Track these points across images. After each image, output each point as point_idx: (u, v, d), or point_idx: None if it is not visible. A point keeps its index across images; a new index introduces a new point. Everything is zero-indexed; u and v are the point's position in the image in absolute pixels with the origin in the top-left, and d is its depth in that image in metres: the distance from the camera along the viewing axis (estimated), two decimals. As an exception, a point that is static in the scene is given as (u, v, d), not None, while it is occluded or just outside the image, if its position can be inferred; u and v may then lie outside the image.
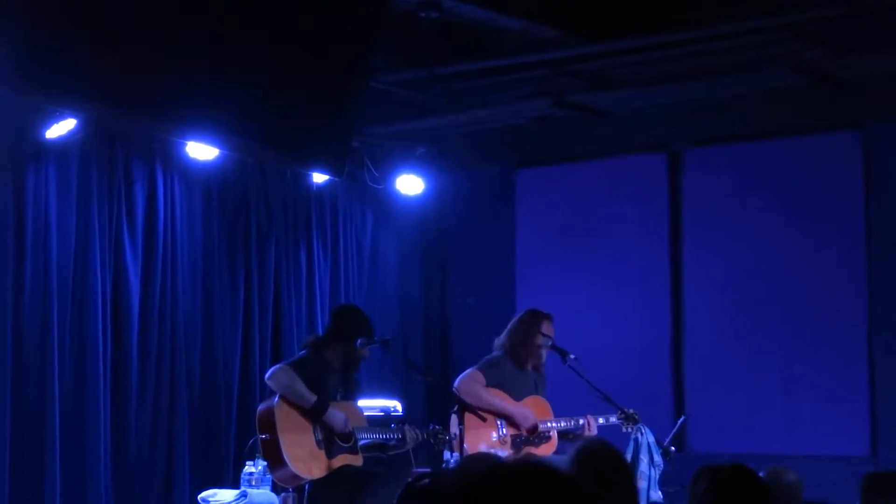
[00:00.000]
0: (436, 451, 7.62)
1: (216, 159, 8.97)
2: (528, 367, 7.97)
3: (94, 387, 8.35)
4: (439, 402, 9.66)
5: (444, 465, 7.32)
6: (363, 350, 7.52)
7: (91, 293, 8.40)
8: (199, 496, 7.88)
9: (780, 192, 9.38)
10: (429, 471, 7.52)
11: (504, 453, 7.50)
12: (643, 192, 9.94)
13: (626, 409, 7.72)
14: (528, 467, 1.61)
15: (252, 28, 6.55)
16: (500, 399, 7.78)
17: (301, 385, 7.22)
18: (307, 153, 7.59)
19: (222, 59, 6.43)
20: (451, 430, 7.42)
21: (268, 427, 7.20)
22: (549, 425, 7.86)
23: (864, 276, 9.05)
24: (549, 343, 7.92)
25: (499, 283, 10.49)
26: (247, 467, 7.81)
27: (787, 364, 9.27)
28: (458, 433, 7.26)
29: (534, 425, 7.79)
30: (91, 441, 8.32)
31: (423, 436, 7.47)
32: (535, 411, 7.88)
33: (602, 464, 4.05)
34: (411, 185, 10.19)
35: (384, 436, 7.52)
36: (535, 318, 7.96)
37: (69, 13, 5.86)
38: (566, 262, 10.17)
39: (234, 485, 8.07)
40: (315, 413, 7.22)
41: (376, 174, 10.05)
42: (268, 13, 6.58)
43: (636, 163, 10.01)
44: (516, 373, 7.92)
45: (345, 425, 7.28)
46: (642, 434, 7.59)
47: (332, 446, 7.29)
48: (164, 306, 8.87)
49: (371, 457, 7.48)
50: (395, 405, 9.07)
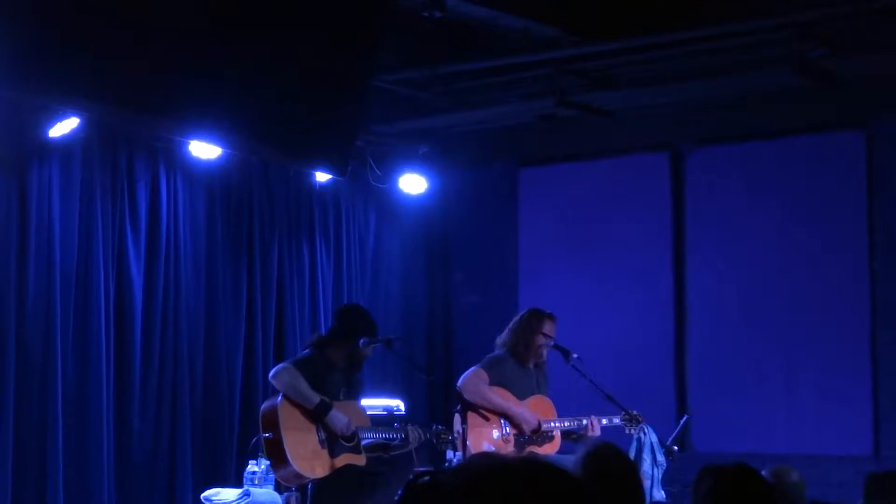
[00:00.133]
0: (439, 450, 7.61)
1: (219, 158, 8.96)
2: (530, 365, 7.97)
3: (97, 386, 8.35)
4: (442, 402, 9.66)
5: (447, 465, 7.32)
6: (366, 349, 7.52)
7: (94, 292, 8.40)
8: (201, 495, 7.87)
9: (784, 191, 9.37)
10: (429, 469, 7.53)
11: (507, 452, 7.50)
12: (646, 192, 9.93)
13: (629, 410, 7.71)
14: (532, 466, 1.61)
15: (255, 28, 6.55)
16: (502, 399, 7.77)
17: (304, 385, 7.21)
18: (310, 152, 7.59)
19: (225, 58, 6.43)
20: (454, 429, 7.41)
21: (271, 426, 7.19)
22: (552, 425, 7.85)
23: (867, 275, 9.04)
24: (551, 343, 7.91)
25: (502, 281, 10.48)
26: (250, 466, 7.80)
27: (790, 363, 9.26)
28: (461, 432, 7.25)
29: (535, 429, 7.78)
30: (94, 440, 8.32)
31: (425, 435, 7.47)
32: (537, 411, 7.87)
33: (611, 468, 4.05)
34: (414, 184, 10.19)
35: (387, 435, 7.51)
36: (536, 317, 7.96)
37: (72, 13, 5.86)
38: (569, 261, 10.17)
39: (236, 484, 8.07)
40: (317, 414, 7.21)
41: (379, 173, 10.04)
42: (270, 13, 6.58)
43: (639, 162, 10.00)
44: (519, 371, 7.92)
45: (346, 429, 7.26)
46: (645, 433, 7.58)
47: (335, 445, 7.28)
48: (167, 305, 8.87)
49: (374, 456, 7.48)
50: (397, 404, 9.07)
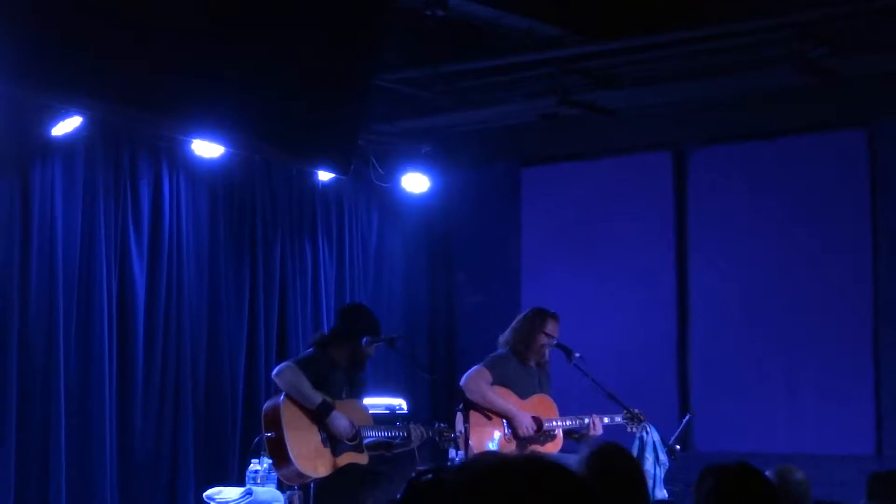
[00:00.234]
0: (441, 448, 7.61)
1: (222, 157, 8.96)
2: (532, 364, 7.97)
3: (99, 384, 8.36)
4: (444, 400, 9.66)
5: (450, 463, 7.31)
6: (369, 348, 7.52)
7: (97, 291, 8.41)
8: (204, 494, 7.87)
9: (786, 190, 9.36)
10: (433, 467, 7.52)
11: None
12: (648, 191, 9.93)
13: (631, 409, 7.71)
14: (535, 464, 1.61)
15: (257, 27, 6.55)
16: (504, 400, 7.77)
17: (307, 384, 7.21)
18: (313, 151, 7.59)
19: (228, 57, 6.43)
20: (456, 427, 7.41)
21: (273, 425, 7.20)
22: (554, 424, 7.85)
23: (869, 274, 9.03)
24: (553, 342, 7.91)
25: (504, 281, 10.48)
26: (252, 465, 7.80)
27: (793, 363, 9.26)
28: (463, 431, 7.25)
29: (529, 436, 7.78)
30: (97, 438, 8.33)
31: (428, 434, 7.47)
32: (539, 410, 7.87)
33: (615, 466, 4.05)
34: (417, 183, 10.19)
35: (389, 434, 7.51)
36: (539, 316, 7.96)
37: (75, 12, 5.86)
38: (571, 261, 10.16)
39: (239, 483, 8.07)
40: (319, 416, 7.22)
41: (382, 172, 10.04)
42: (273, 12, 6.58)
43: (642, 161, 10.00)
44: (521, 370, 7.92)
45: (347, 432, 7.26)
46: (647, 433, 7.58)
47: (337, 444, 7.29)
48: (169, 304, 8.87)
49: (376, 455, 7.48)
50: (400, 403, 9.07)
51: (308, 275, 9.83)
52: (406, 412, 8.92)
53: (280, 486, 7.62)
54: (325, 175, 9.64)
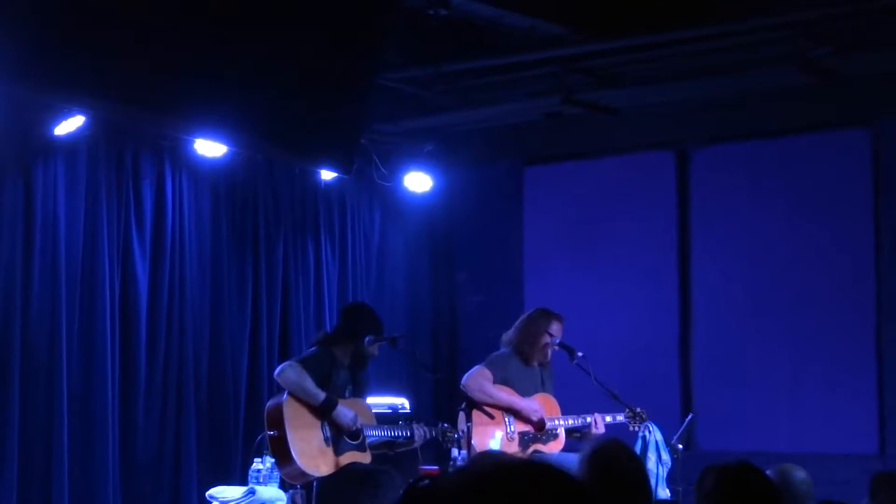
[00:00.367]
0: (444, 448, 7.61)
1: (224, 156, 8.96)
2: (535, 363, 7.98)
3: (102, 383, 8.36)
4: (447, 400, 9.65)
5: (452, 463, 7.32)
6: (372, 347, 7.53)
7: (99, 290, 8.41)
8: (206, 493, 7.88)
9: (789, 189, 9.36)
10: (434, 469, 7.53)
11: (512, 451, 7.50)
12: (651, 190, 9.93)
13: (633, 407, 7.72)
14: (533, 468, 1.60)
15: (259, 26, 6.56)
16: (507, 394, 7.78)
17: (310, 382, 7.22)
18: (315, 150, 7.59)
19: (230, 57, 6.43)
20: (459, 427, 7.42)
21: (276, 424, 7.20)
22: (556, 423, 7.86)
23: (872, 273, 9.03)
24: (556, 343, 7.92)
25: (507, 280, 10.48)
26: (255, 464, 7.80)
27: (796, 362, 9.25)
28: (465, 430, 7.26)
29: (541, 419, 7.79)
30: (99, 438, 8.34)
31: (431, 433, 7.48)
32: (542, 410, 7.88)
33: (617, 465, 4.05)
34: (419, 182, 10.19)
35: (392, 433, 7.52)
36: (544, 317, 7.96)
37: (78, 11, 5.86)
38: (574, 260, 10.16)
39: (241, 481, 8.07)
40: (323, 411, 7.23)
41: (384, 171, 10.04)
42: (275, 12, 6.58)
43: (644, 160, 10.00)
44: (523, 369, 7.92)
45: (353, 423, 7.28)
46: (650, 432, 7.59)
47: (339, 443, 7.29)
48: (172, 303, 8.88)
49: (379, 454, 7.48)
50: (403, 402, 9.07)
51: (311, 274, 9.83)
52: (409, 411, 8.92)
53: (283, 485, 7.62)
54: (327, 174, 9.63)
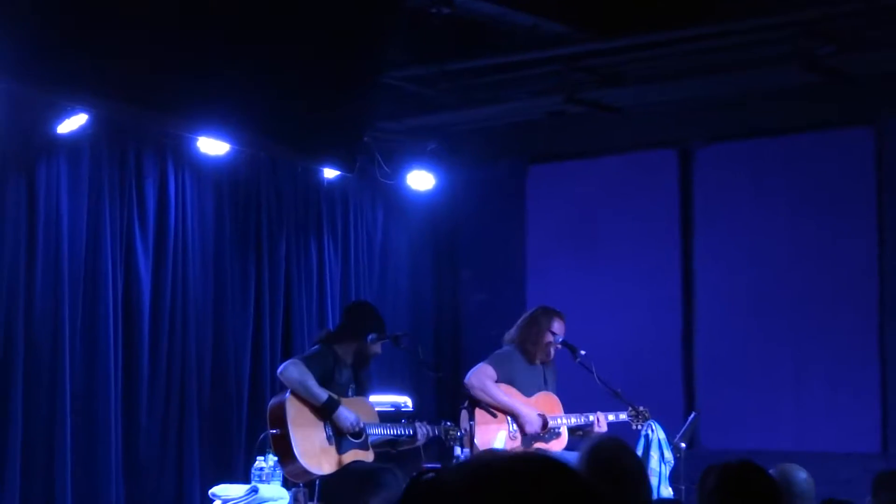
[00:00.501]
0: (447, 447, 7.61)
1: (227, 155, 8.96)
2: (538, 361, 7.97)
3: (104, 382, 8.36)
4: (450, 398, 9.65)
5: (455, 461, 7.32)
6: (375, 346, 7.52)
7: (102, 288, 8.41)
8: (209, 491, 7.88)
9: (792, 188, 9.35)
10: (436, 466, 7.52)
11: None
12: (654, 189, 9.92)
13: (636, 406, 7.71)
14: (537, 464, 1.60)
15: (262, 25, 6.56)
16: (509, 397, 7.77)
17: (312, 381, 7.22)
18: (318, 149, 7.60)
19: (233, 55, 6.43)
20: (461, 425, 7.41)
21: (278, 422, 7.20)
22: (559, 421, 7.85)
23: (875, 272, 9.02)
24: (559, 341, 7.91)
25: (510, 278, 10.48)
26: (257, 462, 7.80)
27: (799, 360, 9.25)
28: (468, 429, 7.25)
29: (537, 433, 7.78)
30: (102, 436, 8.33)
31: (433, 431, 7.48)
32: (544, 408, 7.88)
33: (615, 461, 4.05)
34: (422, 180, 10.18)
35: (395, 431, 7.52)
36: (546, 315, 7.96)
37: (80, 10, 5.86)
38: (577, 258, 10.16)
39: (244, 480, 8.07)
40: (325, 412, 7.22)
41: (387, 170, 10.03)
42: (278, 10, 6.58)
43: (647, 159, 9.99)
44: (526, 367, 7.92)
45: (354, 427, 7.27)
46: (653, 430, 7.58)
47: (342, 442, 7.29)
48: (174, 301, 8.87)
49: (381, 452, 7.48)
50: (405, 401, 9.07)
51: (313, 272, 9.83)
52: (411, 410, 8.92)
53: (285, 484, 7.62)
54: (330, 172, 9.63)
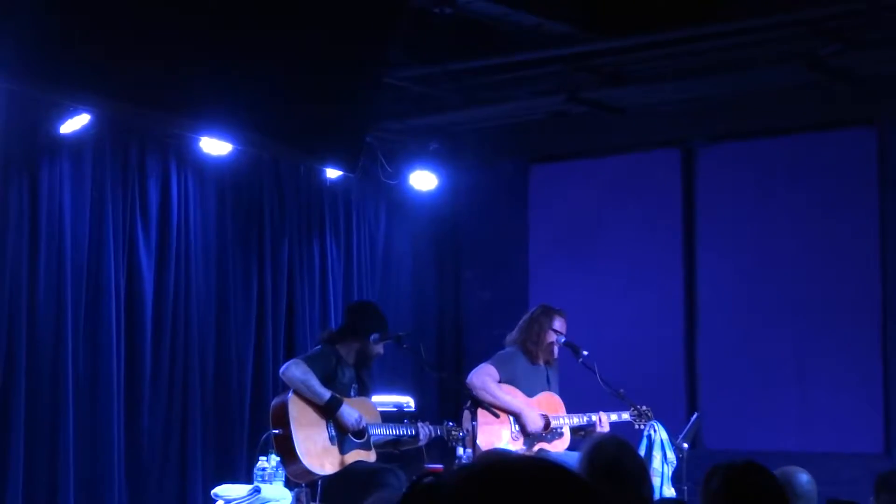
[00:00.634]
0: (449, 447, 7.61)
1: (230, 154, 8.96)
2: (541, 361, 7.97)
3: (107, 382, 8.37)
4: (452, 398, 9.65)
5: (457, 462, 7.32)
6: (377, 346, 7.52)
7: (105, 288, 8.42)
8: (212, 491, 7.88)
9: (795, 188, 9.34)
10: (439, 467, 7.53)
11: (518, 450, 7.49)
12: (657, 189, 9.92)
13: (638, 406, 7.71)
14: (538, 467, 1.59)
15: (266, 25, 6.55)
16: (511, 397, 7.77)
17: (315, 380, 7.22)
18: (321, 149, 7.59)
19: (236, 55, 6.43)
20: (464, 426, 7.41)
21: (281, 422, 7.20)
22: (561, 421, 7.85)
23: (878, 272, 9.01)
24: (562, 340, 7.91)
25: (512, 278, 10.48)
26: (260, 462, 7.80)
27: (802, 361, 9.24)
28: (471, 429, 7.25)
29: (538, 433, 7.77)
30: (105, 436, 8.34)
31: (436, 432, 7.48)
32: (546, 408, 7.87)
33: (617, 462, 4.05)
34: (425, 180, 10.18)
35: (397, 431, 7.52)
36: (546, 314, 7.96)
37: (82, 9, 5.86)
38: (579, 258, 10.16)
39: (247, 480, 8.07)
40: (328, 410, 7.23)
41: (390, 170, 10.04)
42: (281, 10, 6.57)
43: (650, 159, 9.99)
44: (529, 368, 7.92)
45: (357, 424, 7.27)
46: (655, 430, 7.58)
47: (345, 442, 7.29)
48: (177, 301, 8.88)
49: (384, 452, 7.49)
50: (408, 401, 9.06)
51: (316, 272, 9.83)
52: (414, 410, 8.91)
53: (288, 484, 7.62)
54: (332, 172, 9.63)
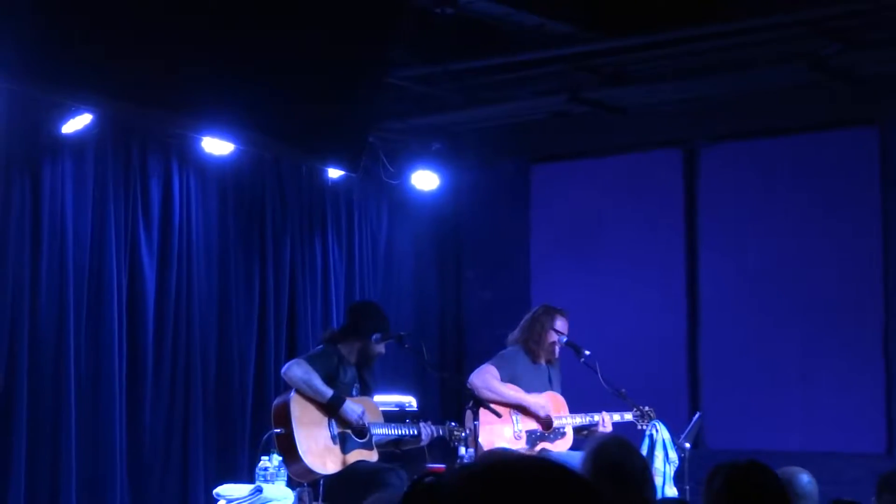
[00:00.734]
0: (451, 446, 7.61)
1: (231, 154, 8.96)
2: (542, 361, 7.97)
3: (109, 381, 8.37)
4: (454, 398, 9.65)
5: (459, 461, 7.32)
6: (379, 346, 7.52)
7: (107, 288, 8.42)
8: (213, 491, 7.88)
9: (798, 187, 9.34)
10: (441, 467, 7.53)
11: (520, 450, 7.49)
12: (659, 188, 9.92)
13: (641, 406, 7.71)
14: (539, 467, 1.59)
15: (268, 25, 6.55)
16: (514, 390, 7.78)
17: (317, 379, 7.23)
18: (323, 148, 7.59)
19: (236, 55, 6.43)
20: (466, 426, 7.41)
21: (283, 421, 7.21)
22: (563, 421, 7.85)
23: (880, 272, 9.01)
24: (563, 339, 7.91)
25: (514, 278, 10.48)
26: (262, 462, 7.80)
27: (804, 360, 9.24)
28: (473, 429, 7.25)
29: (548, 416, 7.78)
30: (106, 435, 8.34)
31: (438, 431, 7.47)
32: (549, 408, 7.87)
33: (619, 462, 4.05)
34: (426, 180, 10.18)
35: (399, 431, 7.52)
36: (548, 313, 7.96)
37: (82, 9, 5.86)
38: (581, 258, 10.16)
39: (248, 479, 8.07)
40: (331, 407, 7.23)
41: (391, 170, 10.04)
42: (283, 10, 6.58)
43: (652, 159, 9.98)
44: (531, 367, 7.92)
45: (360, 419, 7.28)
46: (657, 430, 7.58)
47: (347, 441, 7.29)
48: (179, 301, 8.88)
49: (386, 452, 7.49)
50: (409, 401, 9.06)
51: (318, 272, 9.83)
52: (416, 409, 8.91)
53: (290, 483, 7.62)
54: (334, 172, 9.63)
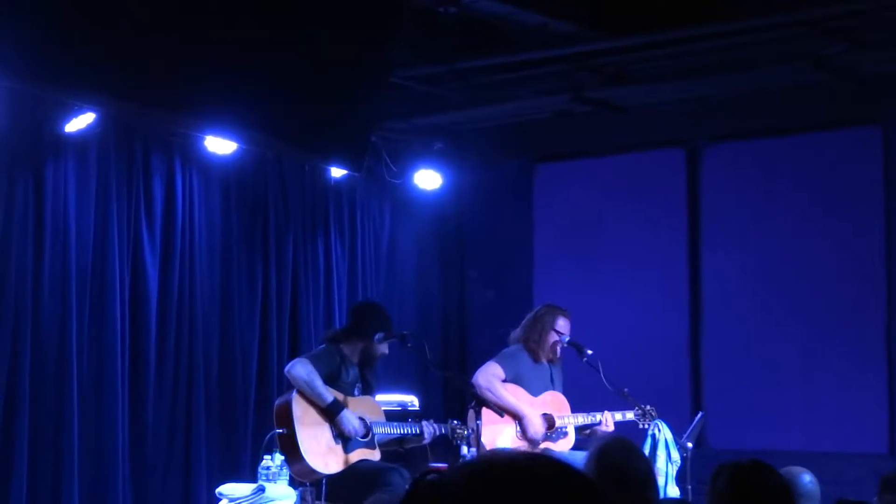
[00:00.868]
0: (454, 445, 7.61)
1: (234, 153, 8.96)
2: (544, 360, 7.97)
3: (112, 380, 8.37)
4: (456, 397, 9.65)
5: (461, 461, 7.31)
6: (381, 345, 7.52)
7: (109, 287, 8.42)
8: (216, 490, 7.88)
9: (800, 187, 9.34)
10: (443, 466, 7.52)
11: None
12: (661, 188, 9.91)
13: (643, 406, 7.70)
14: (542, 465, 1.59)
15: (271, 25, 6.56)
16: (515, 399, 7.76)
17: (319, 381, 7.22)
18: (325, 148, 7.60)
19: (236, 54, 6.44)
20: (468, 425, 7.41)
21: (285, 421, 7.20)
22: (566, 421, 7.85)
23: (883, 272, 9.01)
24: (565, 339, 7.90)
25: (516, 277, 10.47)
26: (264, 461, 7.80)
27: (806, 360, 9.23)
28: (475, 428, 7.25)
29: (537, 440, 7.76)
30: (109, 434, 8.35)
31: (441, 430, 7.47)
32: (551, 408, 7.87)
33: (623, 464, 4.05)
34: (429, 179, 10.18)
35: (402, 430, 7.52)
36: (551, 313, 7.95)
37: (83, 9, 5.87)
38: (584, 258, 10.16)
39: (251, 479, 8.07)
40: (329, 414, 7.23)
41: (394, 169, 10.04)
42: (286, 9, 6.58)
43: (654, 158, 9.98)
44: (533, 366, 7.91)
45: (354, 433, 7.26)
46: (660, 430, 7.57)
47: (349, 441, 7.29)
48: (182, 300, 8.88)
49: (388, 451, 7.48)
50: (412, 400, 9.06)
51: (320, 271, 9.83)
52: (418, 409, 8.91)
53: (292, 483, 7.62)
54: (337, 172, 9.62)
